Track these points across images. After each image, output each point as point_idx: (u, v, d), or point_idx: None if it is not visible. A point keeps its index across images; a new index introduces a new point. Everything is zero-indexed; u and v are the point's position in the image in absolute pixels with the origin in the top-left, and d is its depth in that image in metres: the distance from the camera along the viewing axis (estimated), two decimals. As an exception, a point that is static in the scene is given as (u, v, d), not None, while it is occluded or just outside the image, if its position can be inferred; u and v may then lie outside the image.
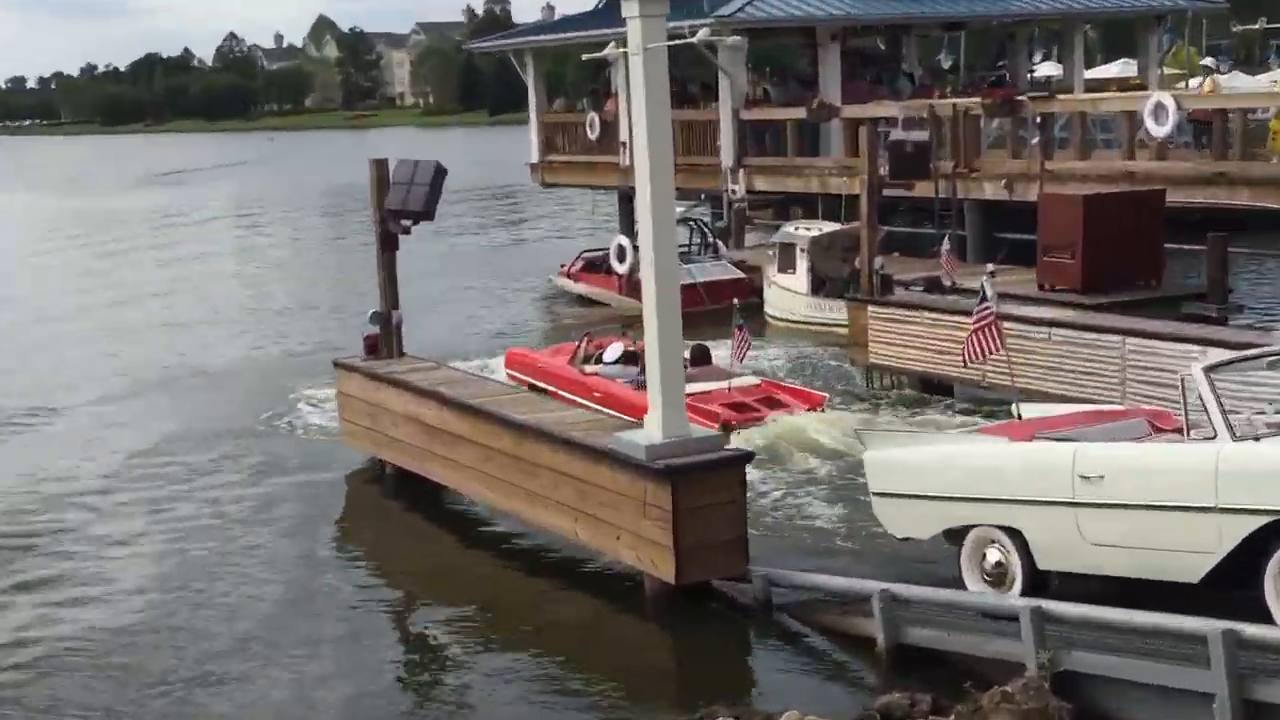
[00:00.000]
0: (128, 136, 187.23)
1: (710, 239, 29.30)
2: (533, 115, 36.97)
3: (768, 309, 25.69)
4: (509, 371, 19.72)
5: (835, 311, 22.75)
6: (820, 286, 24.42)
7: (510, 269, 36.64)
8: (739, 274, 27.43)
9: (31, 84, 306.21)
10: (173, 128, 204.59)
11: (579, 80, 47.69)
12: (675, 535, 11.57)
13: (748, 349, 17.50)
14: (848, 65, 32.13)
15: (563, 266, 31.02)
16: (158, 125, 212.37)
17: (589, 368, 18.74)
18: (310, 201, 64.27)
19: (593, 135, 34.20)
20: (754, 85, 32.45)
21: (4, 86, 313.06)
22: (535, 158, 36.74)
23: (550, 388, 18.13)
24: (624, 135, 31.80)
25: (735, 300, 17.81)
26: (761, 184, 30.56)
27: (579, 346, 19.36)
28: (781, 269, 25.11)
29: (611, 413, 15.31)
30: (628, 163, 30.99)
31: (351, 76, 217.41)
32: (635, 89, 11.83)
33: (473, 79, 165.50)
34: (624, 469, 12.02)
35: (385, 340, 16.63)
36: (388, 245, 16.36)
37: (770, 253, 25.84)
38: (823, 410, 17.44)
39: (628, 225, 31.85)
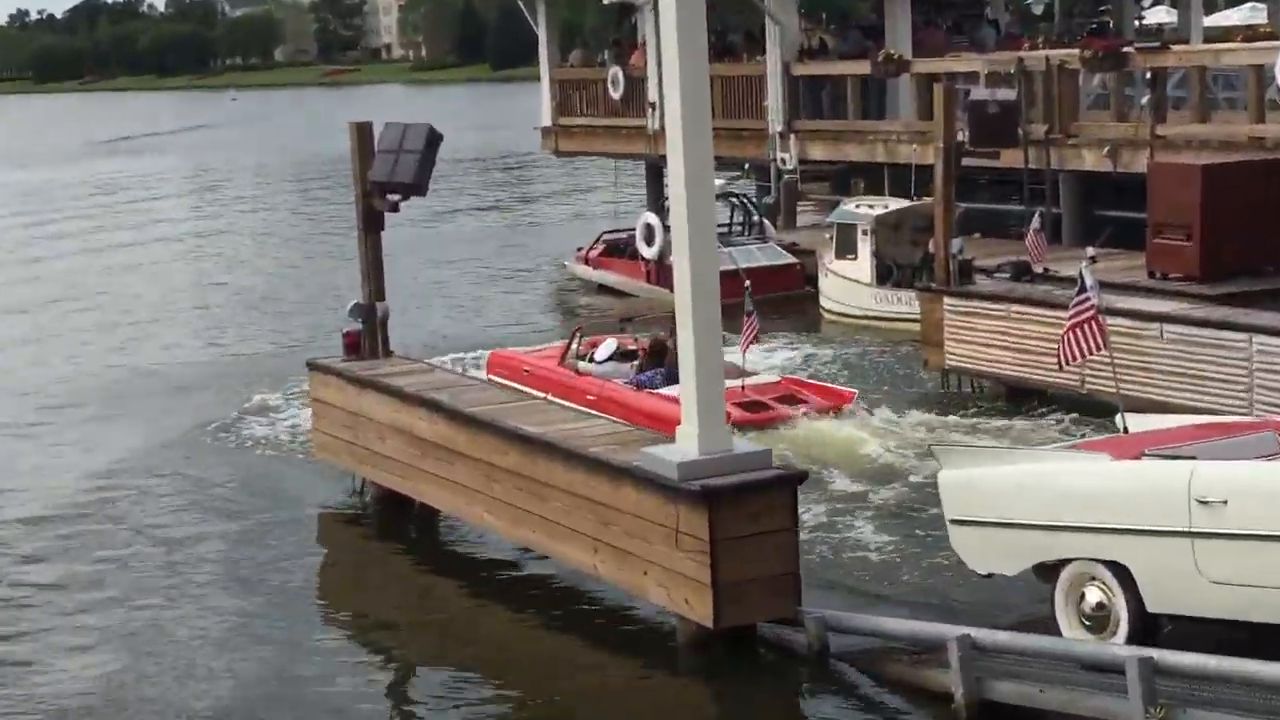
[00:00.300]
0: (64, 96, 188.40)
1: (756, 218, 29.32)
2: (544, 71, 37.03)
3: (823, 301, 25.71)
4: (491, 377, 19.68)
5: (905, 304, 22.75)
6: (887, 275, 24.42)
7: (517, 253, 36.75)
8: (789, 259, 27.46)
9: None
10: (118, 85, 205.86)
11: (599, 29, 47.69)
12: (713, 570, 11.56)
13: (752, 338, 17.77)
14: (920, 11, 32.08)
15: (579, 251, 31.10)
16: (99, 82, 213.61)
17: (582, 366, 19.03)
18: (281, 173, 64.66)
19: (615, 94, 34.25)
20: (808, 34, 32.43)
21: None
22: (547, 121, 36.80)
23: (538, 393, 17.68)
24: (652, 94, 31.85)
25: (747, 284, 17.93)
26: (817, 152, 30.55)
27: (569, 344, 19.61)
28: (840, 254, 25.12)
29: (608, 419, 15.34)
30: (657, 127, 31.05)
31: (329, 25, 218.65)
32: (666, 39, 11.83)
33: (473, 27, 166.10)
34: (652, 490, 12.03)
35: (368, 337, 16.69)
36: (372, 225, 16.42)
37: (827, 234, 25.85)
38: (852, 410, 17.77)
39: (657, 201, 31.91)
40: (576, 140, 36.50)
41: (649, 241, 28.04)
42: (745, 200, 30.12)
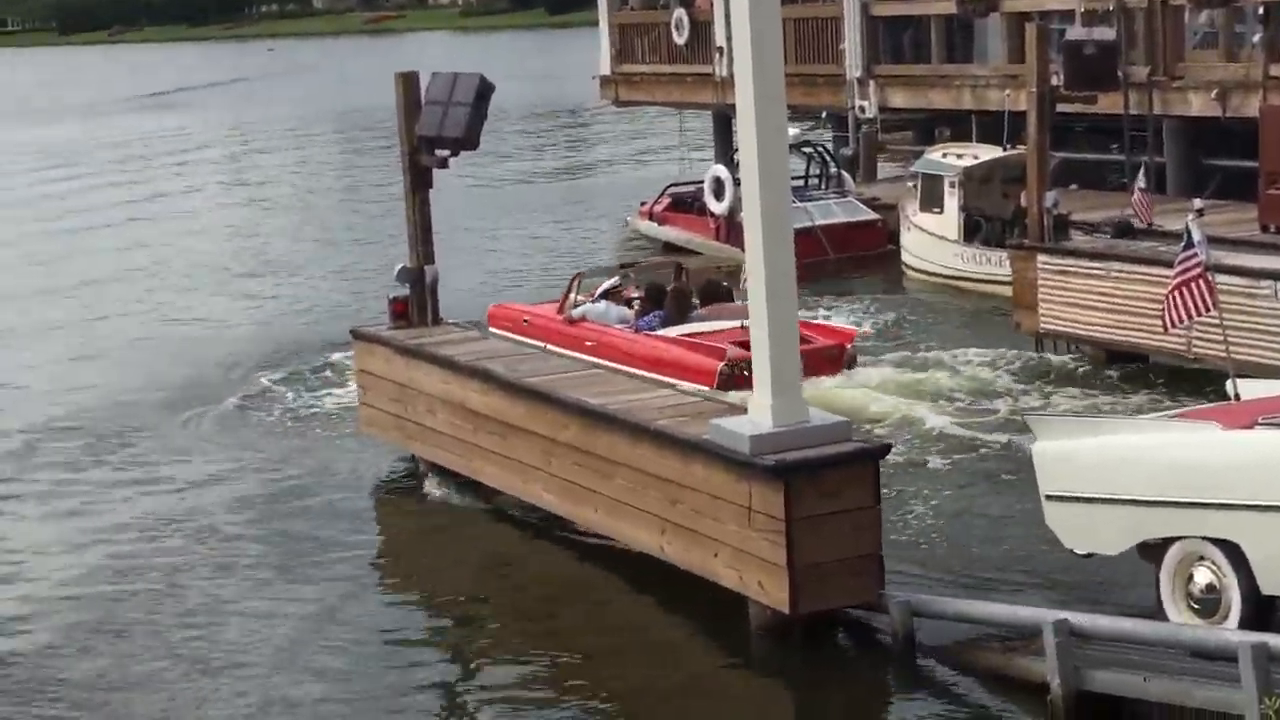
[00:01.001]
0: (89, 48, 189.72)
1: (833, 170, 29.27)
2: (603, 15, 37.04)
3: (905, 258, 25.64)
4: (493, 330, 20.67)
5: (995, 264, 22.65)
6: (975, 230, 24.31)
7: (576, 209, 36.80)
8: (870, 215, 27.40)
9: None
10: (146, 35, 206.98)
11: (662, -32, 47.69)
12: (789, 552, 11.57)
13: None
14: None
15: (643, 205, 31.11)
16: (126, 33, 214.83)
17: (575, 313, 20.10)
18: (325, 129, 65.07)
19: (680, 39, 34.22)
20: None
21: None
22: (606, 69, 36.82)
23: (538, 343, 19.00)
24: (719, 38, 31.78)
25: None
26: (898, 99, 30.43)
27: (568, 292, 20.56)
28: (925, 207, 25.02)
29: (607, 363, 16.70)
30: (725, 74, 31.01)
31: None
32: (735, -23, 11.81)
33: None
34: (722, 466, 12.04)
35: (417, 303, 16.76)
36: (420, 183, 16.48)
37: (911, 185, 25.74)
38: (853, 346, 18.90)
39: (726, 153, 31.87)
40: (638, 89, 36.50)
41: (718, 196, 28.01)
42: (822, 151, 30.03)
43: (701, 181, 29.21)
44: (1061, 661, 10.41)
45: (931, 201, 24.87)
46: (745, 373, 16.50)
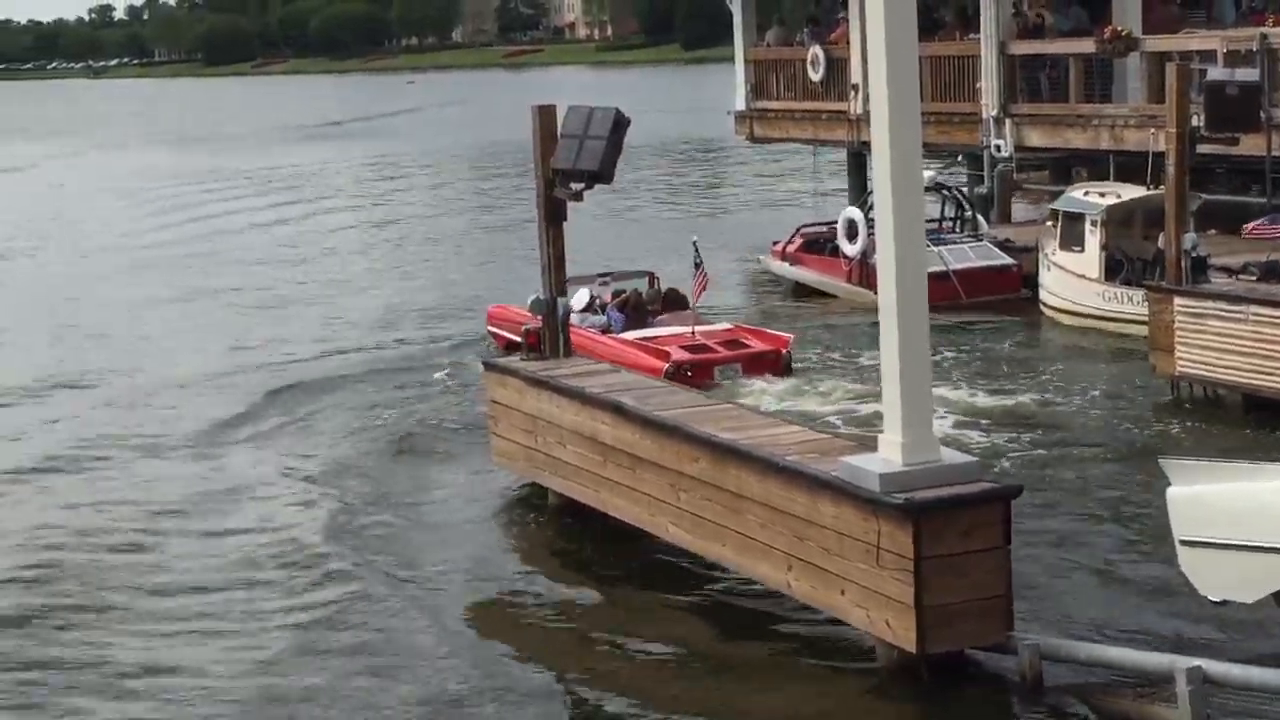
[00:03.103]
0: (234, 80, 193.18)
1: (968, 211, 29.09)
2: (739, 51, 37.10)
3: (1044, 297, 25.37)
4: (491, 328, 24.81)
5: (1135, 303, 22.40)
6: (1117, 270, 24.02)
7: (708, 246, 36.64)
8: (1005, 259, 27.17)
9: (120, 14, 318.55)
10: (289, 68, 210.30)
11: (799, 4, 47.68)
12: (918, 591, 11.51)
13: (703, 290, 22.06)
14: (1152, -17, 31.57)
15: (775, 245, 31.07)
16: (270, 65, 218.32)
17: None
18: (477, 161, 65.58)
19: (815, 76, 34.21)
20: (1025, 9, 32.07)
21: (86, 17, 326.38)
22: (741, 105, 36.87)
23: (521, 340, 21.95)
24: (855, 76, 31.73)
25: (693, 240, 22.33)
26: (1035, 138, 30.19)
27: None
28: (1065, 246, 24.74)
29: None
30: (860, 111, 30.94)
31: (510, 2, 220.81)
32: (872, 14, 11.80)
33: (662, 5, 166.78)
34: (851, 503, 12.00)
35: (549, 335, 16.85)
36: (554, 215, 16.58)
37: (1050, 224, 25.49)
38: (788, 351, 21.58)
39: (858, 192, 31.79)
40: (772, 125, 36.51)
41: (851, 238, 27.95)
42: (957, 192, 29.86)
43: (834, 221, 29.13)
44: (1195, 709, 10.27)
45: (1072, 240, 24.60)
46: (688, 373, 20.19)
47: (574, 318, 21.54)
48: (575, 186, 16.21)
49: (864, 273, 26.55)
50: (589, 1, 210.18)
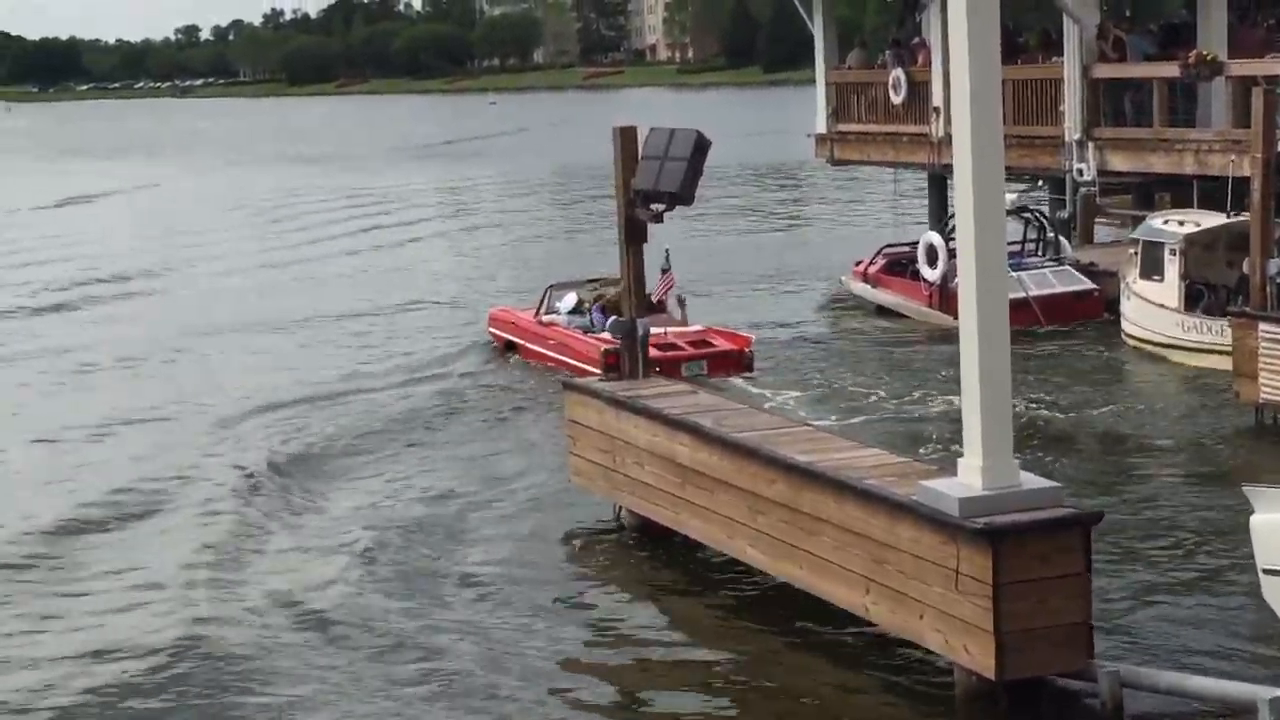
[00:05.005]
0: (317, 99, 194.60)
1: (1050, 235, 28.94)
2: (820, 73, 37.06)
3: (1125, 325, 25.21)
4: (491, 330, 27.18)
5: (1216, 332, 22.21)
6: (1198, 298, 23.84)
7: (787, 267, 36.81)
8: (1087, 284, 27.03)
9: (205, 35, 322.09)
10: (371, 88, 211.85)
11: (880, 27, 47.68)
12: (996, 616, 11.45)
13: (668, 290, 24.41)
14: (1237, 7, 31.34)
15: (857, 265, 30.99)
16: (352, 85, 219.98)
17: (545, 317, 25.63)
18: (566, 182, 65.71)
19: (896, 99, 34.12)
20: (1110, 32, 31.91)
21: (173, 38, 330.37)
22: (822, 127, 36.82)
23: (518, 340, 25.92)
24: (937, 99, 31.65)
25: (665, 249, 23.44)
26: (1118, 162, 30.01)
27: (542, 299, 26.16)
28: (1145, 274, 24.60)
29: (566, 359, 23.84)
30: (941, 134, 30.85)
31: (592, 24, 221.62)
32: (955, 37, 11.77)
33: (743, 27, 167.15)
34: (929, 528, 11.96)
35: (629, 356, 16.90)
36: (634, 237, 16.62)
37: (1131, 252, 25.36)
38: (750, 350, 23.93)
39: (939, 216, 31.68)
40: (853, 148, 36.42)
41: (931, 263, 27.87)
42: (1039, 216, 29.72)
43: (916, 242, 29.06)
44: (1277, 740, 10.17)
45: (1152, 269, 24.45)
46: (657, 369, 20.01)
47: (561, 318, 25.28)
48: (656, 208, 16.25)
49: (944, 298, 26.47)
50: (670, 24, 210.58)
